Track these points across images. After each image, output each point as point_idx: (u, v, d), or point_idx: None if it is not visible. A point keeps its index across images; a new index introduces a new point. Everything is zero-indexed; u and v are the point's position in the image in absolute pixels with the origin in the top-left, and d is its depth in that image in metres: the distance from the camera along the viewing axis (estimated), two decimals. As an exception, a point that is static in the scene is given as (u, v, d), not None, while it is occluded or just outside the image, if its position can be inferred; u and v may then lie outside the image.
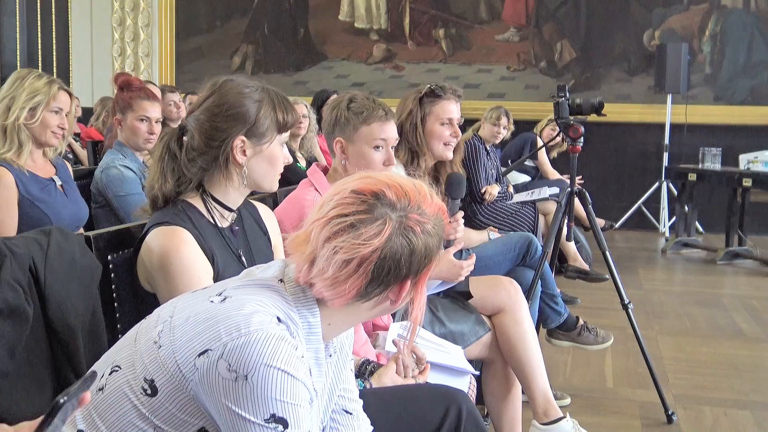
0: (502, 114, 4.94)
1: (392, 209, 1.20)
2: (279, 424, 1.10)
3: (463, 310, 2.52)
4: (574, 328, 3.27)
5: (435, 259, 1.24)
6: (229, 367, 1.10)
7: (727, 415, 3.06)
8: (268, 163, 1.72)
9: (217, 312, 1.17)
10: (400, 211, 1.20)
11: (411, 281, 1.23)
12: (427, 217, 1.22)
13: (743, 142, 7.05)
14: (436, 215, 1.24)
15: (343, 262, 1.17)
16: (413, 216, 1.21)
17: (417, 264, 1.21)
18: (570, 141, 3.19)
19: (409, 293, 1.24)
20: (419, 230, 1.20)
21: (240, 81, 1.71)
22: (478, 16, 8.12)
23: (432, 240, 1.22)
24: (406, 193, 1.22)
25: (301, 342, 1.20)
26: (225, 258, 1.69)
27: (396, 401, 1.70)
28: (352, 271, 1.17)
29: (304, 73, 8.41)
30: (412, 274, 1.22)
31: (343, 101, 2.26)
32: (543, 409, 2.51)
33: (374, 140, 2.21)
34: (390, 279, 1.20)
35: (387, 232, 1.18)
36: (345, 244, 1.17)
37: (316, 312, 1.23)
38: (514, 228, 4.03)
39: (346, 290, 1.19)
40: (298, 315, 1.21)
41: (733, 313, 4.61)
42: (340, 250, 1.17)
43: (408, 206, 1.21)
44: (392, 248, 1.18)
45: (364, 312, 1.27)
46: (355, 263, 1.17)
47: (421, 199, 1.23)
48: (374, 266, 1.18)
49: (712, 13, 7.63)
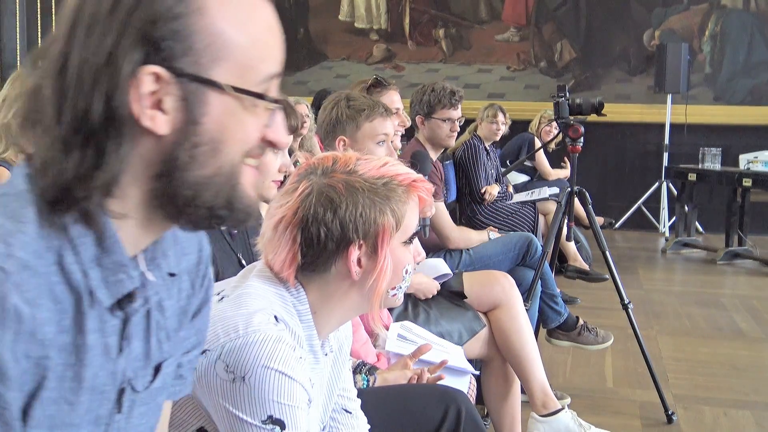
0: (497, 111, 4.92)
1: (315, 173, 1.21)
2: (276, 425, 1.10)
3: (458, 308, 2.53)
4: (574, 328, 3.27)
5: (386, 223, 1.20)
6: (227, 368, 1.10)
7: (727, 415, 3.06)
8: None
9: (215, 312, 1.16)
10: (322, 173, 1.21)
11: (360, 249, 1.20)
12: (360, 176, 1.20)
13: (743, 142, 7.05)
14: (382, 179, 1.21)
15: (274, 226, 1.20)
16: (337, 175, 1.20)
17: (356, 227, 1.18)
18: (570, 141, 3.19)
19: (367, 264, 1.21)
20: (342, 188, 1.18)
21: None
22: (478, 16, 8.12)
23: (370, 201, 1.19)
24: (337, 158, 1.23)
25: (300, 338, 1.20)
26: (224, 260, 1.69)
27: (395, 401, 1.70)
28: (281, 233, 1.20)
29: (304, 73, 8.41)
30: (358, 238, 1.19)
31: (341, 100, 2.28)
32: (541, 401, 2.53)
33: (377, 136, 2.26)
34: (329, 244, 1.18)
35: (300, 190, 1.19)
36: (271, 209, 1.22)
37: (304, 300, 1.23)
38: (514, 228, 4.04)
39: (285, 256, 1.20)
40: (293, 306, 1.21)
41: (733, 313, 4.61)
42: (270, 217, 1.21)
43: (333, 167, 1.21)
44: (314, 209, 1.18)
45: (342, 295, 1.24)
46: (282, 225, 1.19)
47: (356, 161, 1.22)
48: (300, 229, 1.18)
49: (712, 13, 7.63)
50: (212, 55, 0.72)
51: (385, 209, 1.20)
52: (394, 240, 1.22)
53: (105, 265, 0.75)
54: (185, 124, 0.72)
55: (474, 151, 4.12)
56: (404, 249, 1.26)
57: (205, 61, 0.72)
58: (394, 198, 1.21)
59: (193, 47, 0.71)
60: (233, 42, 0.73)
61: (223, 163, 0.75)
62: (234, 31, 0.73)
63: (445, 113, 3.30)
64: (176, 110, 0.72)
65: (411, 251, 1.28)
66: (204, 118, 0.73)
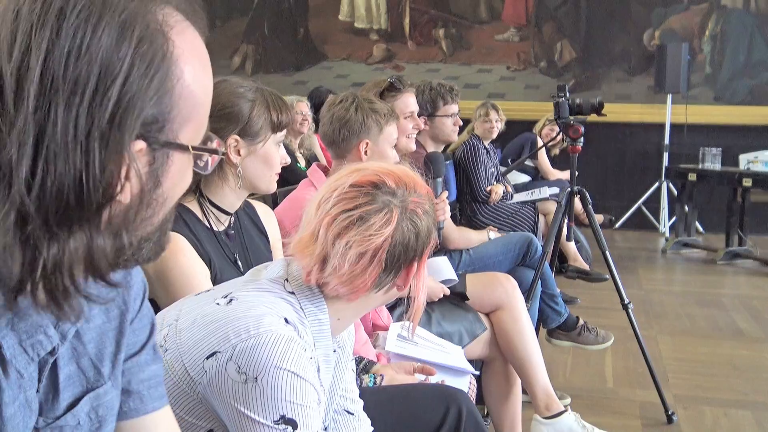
0: (489, 109, 4.89)
1: (394, 196, 1.22)
2: (288, 425, 1.10)
3: (460, 310, 2.53)
4: (574, 328, 3.27)
5: (433, 237, 1.28)
6: (239, 369, 1.10)
7: (727, 415, 3.06)
8: (264, 163, 1.71)
9: (224, 314, 1.16)
10: (401, 197, 1.23)
11: (416, 263, 1.26)
12: (423, 198, 1.26)
13: (743, 142, 7.05)
14: (428, 195, 1.28)
15: (358, 255, 1.18)
16: (413, 199, 1.24)
17: (422, 245, 1.25)
18: (570, 141, 3.19)
19: (414, 276, 1.27)
20: (420, 212, 1.24)
21: (234, 81, 1.71)
22: (478, 16, 8.12)
23: (431, 220, 1.27)
24: (402, 179, 1.25)
25: (309, 342, 1.20)
26: (221, 262, 1.69)
27: (396, 401, 1.70)
28: (367, 263, 1.19)
29: (304, 73, 8.41)
30: (418, 256, 1.25)
31: (362, 103, 2.27)
32: (544, 403, 2.53)
33: (393, 139, 2.31)
34: (400, 264, 1.23)
35: (395, 218, 1.21)
36: (357, 237, 1.18)
37: (324, 309, 1.23)
38: (514, 228, 4.04)
39: (364, 283, 1.20)
40: (305, 314, 1.21)
41: (733, 313, 4.61)
42: (353, 245, 1.18)
43: (406, 191, 1.24)
44: (402, 234, 1.21)
45: (373, 301, 1.30)
46: (369, 255, 1.19)
47: (414, 182, 1.27)
48: (387, 254, 1.20)
49: (712, 13, 7.63)
50: (183, 118, 0.71)
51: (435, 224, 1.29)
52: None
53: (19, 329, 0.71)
54: (148, 189, 0.69)
55: (474, 151, 4.12)
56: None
57: (176, 125, 0.70)
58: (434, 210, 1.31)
59: (172, 116, 0.70)
60: (199, 101, 0.72)
61: (165, 215, 0.74)
62: (200, 90, 0.72)
63: (447, 109, 3.37)
64: (142, 176, 0.68)
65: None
66: (165, 180, 0.71)
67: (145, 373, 0.92)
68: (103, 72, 0.64)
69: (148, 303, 0.93)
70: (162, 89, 0.67)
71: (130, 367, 0.90)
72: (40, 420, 0.78)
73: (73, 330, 0.79)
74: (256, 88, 1.71)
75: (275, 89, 1.77)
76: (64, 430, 0.81)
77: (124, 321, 0.87)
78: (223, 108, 1.65)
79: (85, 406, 0.82)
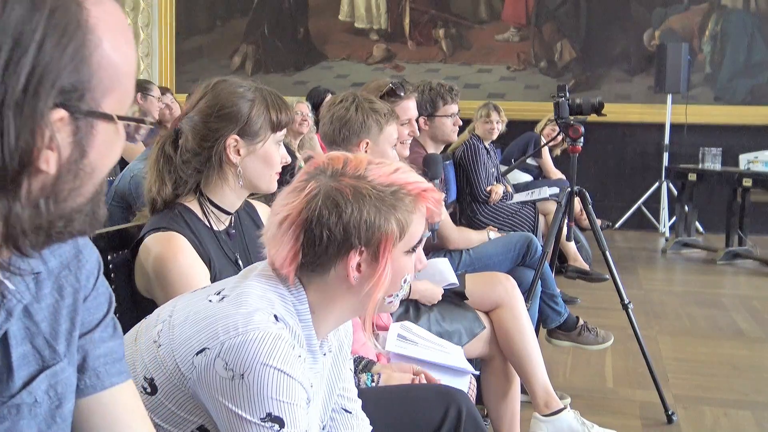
0: (490, 110, 4.89)
1: (324, 174, 1.20)
2: (275, 423, 1.10)
3: (459, 309, 2.53)
4: (574, 328, 3.27)
5: (390, 232, 1.18)
6: (226, 366, 1.10)
7: (727, 415, 3.06)
8: (264, 163, 1.70)
9: (215, 311, 1.17)
10: (331, 175, 1.20)
11: (361, 254, 1.19)
12: (368, 182, 1.19)
13: (743, 142, 7.05)
14: (391, 186, 1.20)
15: (278, 223, 1.20)
16: (345, 179, 1.19)
17: (359, 233, 1.17)
18: (570, 141, 3.20)
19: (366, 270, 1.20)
20: (349, 193, 1.17)
21: (233, 81, 1.71)
22: (478, 16, 8.12)
23: (376, 209, 1.17)
24: (348, 161, 1.21)
25: (299, 338, 1.20)
26: (221, 262, 1.69)
27: (396, 401, 1.70)
28: (284, 231, 1.19)
29: (304, 73, 8.41)
30: (360, 245, 1.18)
31: (362, 103, 2.27)
32: (544, 401, 2.54)
33: (393, 139, 2.31)
34: (331, 247, 1.18)
35: (307, 191, 1.18)
36: (277, 206, 1.22)
37: (304, 301, 1.23)
38: (514, 228, 4.04)
39: (286, 254, 1.19)
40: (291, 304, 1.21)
41: (733, 313, 4.61)
42: (276, 214, 1.21)
43: (342, 171, 1.20)
44: (319, 211, 1.17)
45: (339, 298, 1.23)
46: (287, 223, 1.19)
47: (367, 167, 1.21)
48: (304, 229, 1.18)
49: (712, 13, 7.63)
50: (105, 87, 0.71)
51: (390, 218, 1.18)
52: (397, 249, 1.21)
53: None
54: (74, 159, 0.70)
55: (474, 151, 4.12)
56: (406, 258, 1.24)
57: (98, 94, 0.71)
58: (400, 207, 1.19)
59: (92, 85, 0.70)
60: (121, 71, 0.73)
61: (95, 187, 0.75)
62: (121, 60, 0.72)
63: (447, 109, 3.37)
64: (66, 146, 0.69)
65: (413, 260, 1.27)
66: (91, 150, 0.71)
67: (100, 350, 0.92)
68: (15, 42, 0.65)
69: (105, 281, 0.95)
70: (78, 57, 0.68)
71: (84, 344, 0.91)
72: None
73: (19, 307, 0.80)
74: (256, 87, 1.71)
75: (275, 89, 1.77)
76: (22, 409, 0.81)
77: (77, 299, 0.88)
78: (223, 108, 1.66)
79: (42, 383, 0.83)
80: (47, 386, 0.84)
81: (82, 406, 0.92)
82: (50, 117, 0.67)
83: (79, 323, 0.89)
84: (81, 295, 0.89)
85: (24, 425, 0.82)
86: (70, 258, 0.89)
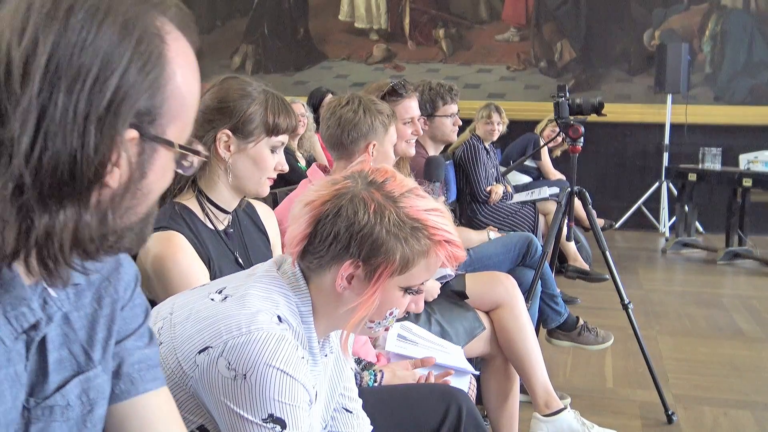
0: (492, 111, 4.89)
1: (363, 179, 1.21)
2: (277, 424, 1.10)
3: (459, 309, 2.53)
4: (574, 328, 3.27)
5: (390, 261, 1.17)
6: (229, 365, 1.10)
7: (727, 415, 3.06)
8: (253, 164, 1.69)
9: (219, 310, 1.17)
10: (368, 183, 1.20)
11: (357, 268, 1.18)
12: (395, 208, 1.18)
13: (743, 142, 7.05)
14: (416, 221, 1.18)
15: (304, 203, 1.21)
16: (377, 194, 1.18)
17: (360, 246, 1.16)
18: (570, 141, 3.20)
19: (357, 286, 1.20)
20: (372, 208, 1.17)
21: (243, 80, 1.71)
22: (478, 16, 8.12)
23: (388, 233, 1.16)
24: (391, 179, 1.21)
25: (302, 339, 1.21)
26: (221, 261, 1.69)
27: (396, 401, 1.70)
28: (304, 213, 1.20)
29: (304, 73, 8.41)
30: (355, 256, 1.17)
31: (368, 104, 2.26)
32: (544, 401, 2.54)
33: (394, 140, 2.33)
34: (332, 247, 1.17)
35: (339, 186, 1.19)
36: (310, 189, 1.23)
37: (308, 302, 1.23)
38: (514, 228, 4.04)
39: (296, 233, 1.20)
40: (294, 305, 1.21)
41: (733, 313, 4.61)
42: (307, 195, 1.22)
43: (380, 185, 1.20)
44: (338, 209, 1.17)
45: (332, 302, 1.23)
46: (308, 207, 1.20)
47: (405, 193, 1.20)
48: (318, 218, 1.18)
49: (712, 13, 7.63)
50: (171, 116, 0.77)
51: (397, 248, 1.17)
52: (393, 280, 1.20)
53: (4, 302, 0.76)
54: (135, 179, 0.76)
55: (474, 151, 4.13)
56: (399, 293, 1.23)
57: (165, 121, 0.77)
58: (413, 244, 1.18)
59: (162, 111, 0.76)
60: (187, 103, 0.79)
61: (148, 209, 0.81)
62: (189, 93, 0.79)
63: (447, 109, 3.37)
64: (131, 165, 0.74)
65: (407, 300, 1.25)
66: (150, 172, 0.77)
67: (135, 357, 0.95)
68: (104, 64, 0.71)
69: (141, 292, 0.98)
70: (155, 85, 0.74)
71: (120, 351, 0.94)
72: (31, 400, 0.82)
73: (59, 314, 0.83)
74: (264, 89, 1.71)
75: (275, 89, 1.77)
76: (54, 411, 0.84)
77: (115, 309, 0.92)
78: (222, 101, 1.66)
79: (75, 388, 0.86)
80: (80, 391, 0.87)
81: (117, 411, 0.94)
82: (125, 135, 0.73)
83: (115, 332, 0.92)
84: (119, 305, 0.93)
85: (56, 427, 0.84)
86: (110, 270, 0.93)
